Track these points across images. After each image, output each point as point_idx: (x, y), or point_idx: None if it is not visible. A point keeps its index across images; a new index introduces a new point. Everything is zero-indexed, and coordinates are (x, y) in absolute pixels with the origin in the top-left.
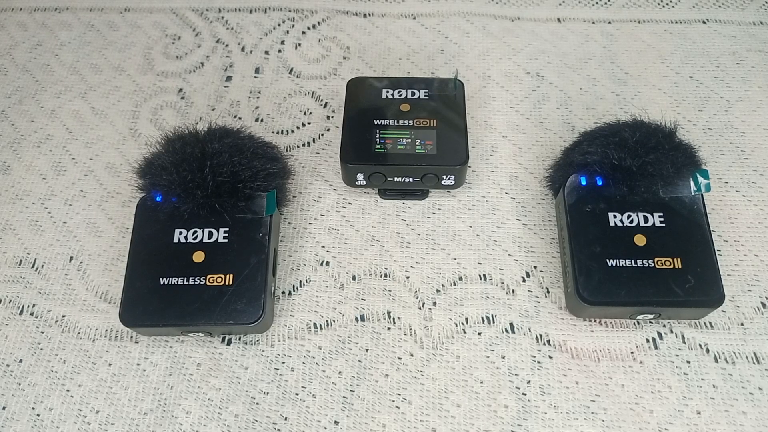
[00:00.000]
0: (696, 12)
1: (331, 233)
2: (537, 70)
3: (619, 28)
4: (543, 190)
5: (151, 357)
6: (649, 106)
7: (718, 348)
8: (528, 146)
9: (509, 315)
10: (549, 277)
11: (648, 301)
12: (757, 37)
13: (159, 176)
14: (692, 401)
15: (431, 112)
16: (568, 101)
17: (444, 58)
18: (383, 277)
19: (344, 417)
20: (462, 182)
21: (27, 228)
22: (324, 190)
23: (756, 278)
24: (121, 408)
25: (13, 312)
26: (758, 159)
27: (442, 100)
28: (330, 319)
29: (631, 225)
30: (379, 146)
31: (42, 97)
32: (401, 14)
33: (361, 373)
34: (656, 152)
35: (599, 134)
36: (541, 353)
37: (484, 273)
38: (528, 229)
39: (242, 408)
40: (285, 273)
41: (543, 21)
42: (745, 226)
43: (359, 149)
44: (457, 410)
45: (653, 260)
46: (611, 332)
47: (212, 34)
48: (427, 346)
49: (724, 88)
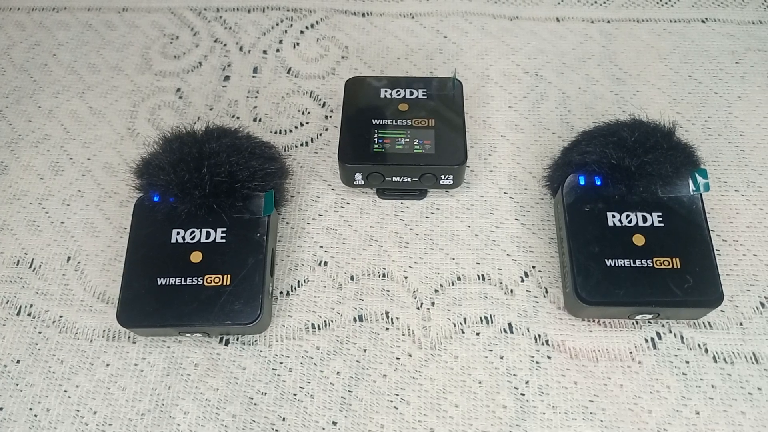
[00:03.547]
0: (695, 11)
1: (329, 233)
2: (536, 69)
3: (617, 28)
4: (542, 190)
5: (149, 357)
6: (647, 106)
7: (717, 348)
8: (527, 146)
9: (508, 315)
10: (547, 277)
11: (647, 301)
12: (756, 36)
13: (156, 176)
14: (691, 401)
15: (430, 111)
16: (566, 101)
17: (442, 58)
18: (381, 277)
19: (342, 417)
20: (460, 182)
21: (25, 228)
22: (322, 190)
23: (755, 278)
24: (118, 408)
25: (11, 312)
26: (757, 158)
27: (441, 100)
28: (328, 320)
29: (630, 225)
30: (378, 146)
31: (39, 96)
32: (400, 13)
33: (359, 374)
34: (655, 152)
35: (598, 134)
36: (539, 353)
37: (483, 273)
38: (526, 229)
39: (240, 408)
40: (283, 273)
41: (542, 20)
42: (744, 226)
43: (357, 149)
44: (456, 410)
45: (652, 260)
46: (610, 332)
47: (210, 34)
48: (425, 346)
49: (723, 88)
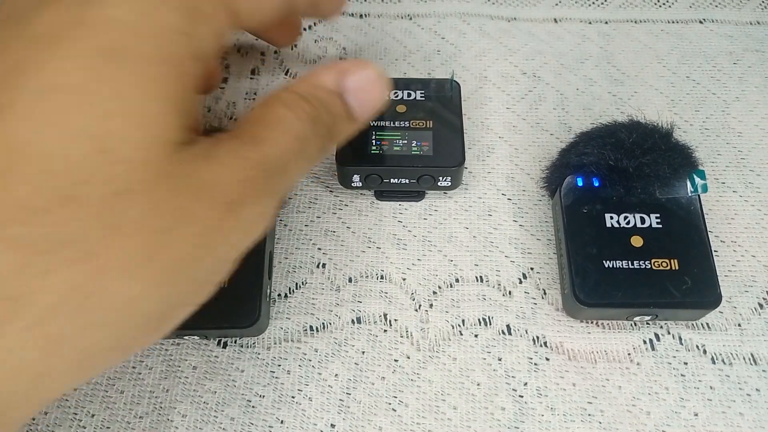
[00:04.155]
0: (693, 12)
1: (327, 235)
2: (533, 70)
3: (615, 29)
4: (540, 192)
5: (147, 360)
6: (645, 107)
7: (716, 349)
8: (524, 147)
9: (506, 317)
10: (546, 279)
11: (645, 302)
12: (754, 36)
13: None
14: (689, 402)
15: (427, 113)
16: (564, 102)
17: (440, 59)
18: (380, 279)
19: (340, 420)
20: (458, 184)
21: None
22: (320, 192)
23: (753, 279)
24: (116, 411)
25: None
26: (755, 159)
27: (439, 101)
28: (326, 322)
29: (628, 226)
30: (375, 147)
31: None
32: (398, 15)
33: (357, 376)
34: (653, 153)
35: (596, 135)
36: (537, 355)
37: (481, 275)
38: (525, 231)
39: (238, 411)
40: (281, 275)
41: (539, 21)
42: (742, 227)
43: (355, 151)
44: (454, 413)
45: (650, 261)
46: (608, 334)
47: None
48: (423, 348)
49: (721, 88)
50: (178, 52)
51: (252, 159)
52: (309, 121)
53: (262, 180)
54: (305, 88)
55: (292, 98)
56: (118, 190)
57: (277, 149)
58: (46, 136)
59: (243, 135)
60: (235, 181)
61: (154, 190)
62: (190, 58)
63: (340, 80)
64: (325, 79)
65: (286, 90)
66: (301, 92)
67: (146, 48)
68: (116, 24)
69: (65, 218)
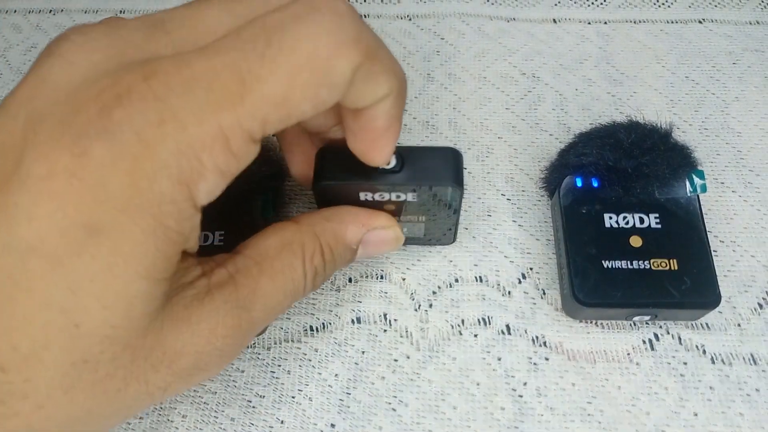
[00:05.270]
0: (692, 12)
1: None
2: (532, 71)
3: (614, 29)
4: (539, 192)
5: None
6: (644, 107)
7: (715, 349)
8: (523, 147)
9: (505, 317)
10: (545, 279)
11: (644, 302)
12: (753, 36)
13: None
14: (689, 403)
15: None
16: (563, 102)
17: (440, 60)
18: (379, 279)
19: (340, 420)
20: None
21: None
22: None
23: (753, 279)
24: None
25: None
26: (754, 159)
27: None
28: (326, 322)
29: (627, 226)
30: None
31: None
32: (397, 15)
33: (357, 376)
34: (652, 153)
35: (595, 135)
36: (537, 355)
37: (480, 275)
38: (524, 231)
39: (238, 411)
40: None
41: (538, 22)
42: (742, 227)
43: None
44: (454, 412)
45: (649, 261)
46: (607, 334)
47: None
48: (423, 348)
49: (721, 88)
50: (164, 223)
51: (232, 327)
52: (312, 274)
53: (235, 347)
54: (329, 239)
55: (310, 248)
56: (75, 361)
57: (265, 312)
58: (15, 302)
59: (239, 282)
60: (204, 352)
61: (112, 361)
62: (177, 224)
63: (363, 233)
64: (351, 237)
65: (311, 233)
66: (322, 242)
67: (128, 224)
68: (102, 195)
69: (24, 376)
